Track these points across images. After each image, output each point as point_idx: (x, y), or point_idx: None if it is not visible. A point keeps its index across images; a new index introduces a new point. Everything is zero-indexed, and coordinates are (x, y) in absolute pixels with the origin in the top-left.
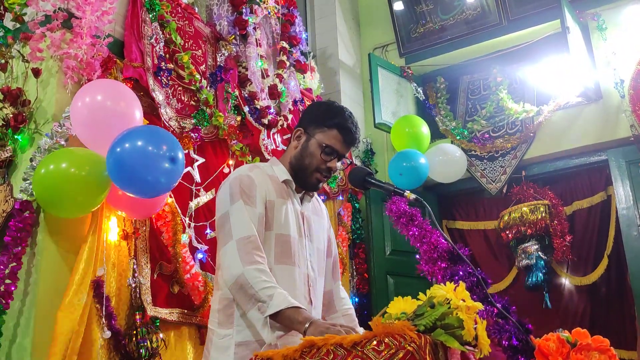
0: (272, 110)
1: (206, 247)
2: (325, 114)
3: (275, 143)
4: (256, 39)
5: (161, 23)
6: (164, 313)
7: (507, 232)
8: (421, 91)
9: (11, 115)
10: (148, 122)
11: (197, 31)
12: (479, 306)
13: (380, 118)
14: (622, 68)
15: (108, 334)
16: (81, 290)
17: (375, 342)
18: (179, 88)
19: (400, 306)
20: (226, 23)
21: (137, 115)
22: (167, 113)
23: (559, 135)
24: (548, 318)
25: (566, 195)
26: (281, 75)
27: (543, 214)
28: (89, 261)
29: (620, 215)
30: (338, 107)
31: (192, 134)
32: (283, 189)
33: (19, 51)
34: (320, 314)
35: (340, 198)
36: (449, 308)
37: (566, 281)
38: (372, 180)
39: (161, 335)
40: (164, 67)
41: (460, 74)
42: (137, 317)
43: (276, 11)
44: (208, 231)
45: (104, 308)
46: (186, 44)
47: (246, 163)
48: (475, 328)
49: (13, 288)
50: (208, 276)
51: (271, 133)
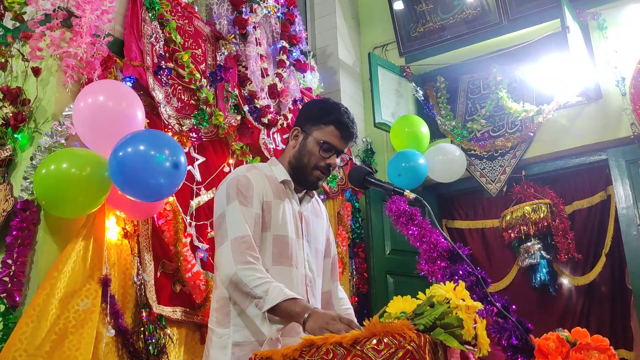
0: (272, 109)
1: (207, 246)
2: (321, 111)
3: (275, 142)
4: (256, 38)
5: (161, 22)
6: (167, 311)
7: (510, 232)
8: (420, 91)
9: (11, 114)
10: (148, 122)
11: (197, 30)
12: (479, 305)
13: (380, 117)
14: (623, 67)
15: (112, 333)
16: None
17: (374, 341)
18: (179, 87)
19: (399, 305)
20: (226, 22)
21: (139, 115)
22: (167, 112)
23: (559, 134)
24: (548, 317)
25: (566, 194)
26: (281, 74)
27: (545, 213)
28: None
29: (620, 214)
30: (333, 104)
31: (192, 134)
32: (281, 190)
33: (19, 50)
34: None
35: (340, 197)
36: (449, 307)
37: (565, 280)
38: (372, 179)
39: (168, 331)
40: (164, 66)
41: (460, 74)
42: (144, 315)
43: (276, 10)
44: (209, 230)
45: (110, 307)
46: (186, 43)
47: (246, 162)
48: (474, 327)
49: (16, 288)
50: (209, 275)
51: (271, 132)
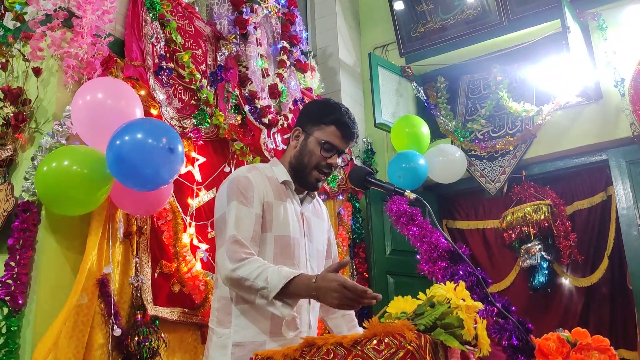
0: (273, 109)
1: (207, 246)
2: (321, 111)
3: (275, 142)
4: (256, 38)
5: (161, 22)
6: (165, 312)
7: (510, 232)
8: (422, 91)
9: (12, 114)
10: None
11: (198, 30)
12: (479, 306)
13: (380, 118)
14: (622, 67)
15: (119, 332)
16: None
17: (375, 342)
18: (180, 87)
19: (400, 306)
20: (226, 22)
21: (138, 113)
22: (168, 112)
23: (559, 135)
24: (548, 318)
25: (566, 195)
26: (281, 74)
27: (546, 214)
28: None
29: (620, 215)
30: (334, 104)
31: (193, 134)
32: (282, 190)
33: (20, 50)
34: (317, 313)
35: (340, 197)
36: (449, 307)
37: (566, 281)
38: (373, 179)
39: (162, 334)
40: (165, 67)
41: (460, 74)
42: (138, 317)
43: (276, 10)
44: (209, 230)
45: (112, 307)
46: (186, 43)
47: (247, 162)
48: (475, 327)
49: (19, 289)
50: (209, 275)
51: (272, 132)
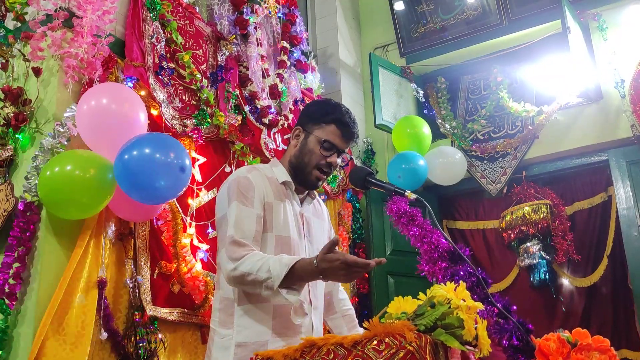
0: (273, 109)
1: (207, 247)
2: (322, 111)
3: (276, 142)
4: (257, 39)
5: (162, 22)
6: (164, 312)
7: (509, 232)
8: (421, 92)
9: (12, 114)
10: (149, 122)
11: (198, 31)
12: (480, 306)
13: (380, 118)
14: (623, 68)
15: (105, 335)
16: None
17: (375, 342)
18: (180, 87)
19: (400, 306)
20: (227, 23)
21: (142, 118)
22: (169, 112)
23: (560, 135)
24: (549, 318)
25: (567, 195)
26: (282, 74)
27: (545, 214)
28: (90, 262)
29: (620, 215)
30: (334, 103)
31: (193, 134)
32: (282, 191)
33: (20, 50)
34: (321, 315)
35: (340, 198)
36: (450, 308)
37: (567, 281)
38: (373, 180)
39: (160, 335)
40: (165, 67)
41: (460, 74)
42: (137, 317)
43: (277, 11)
44: (209, 230)
45: (102, 309)
46: (187, 44)
47: (247, 162)
48: (475, 328)
49: (18, 289)
50: (209, 275)
51: (272, 132)
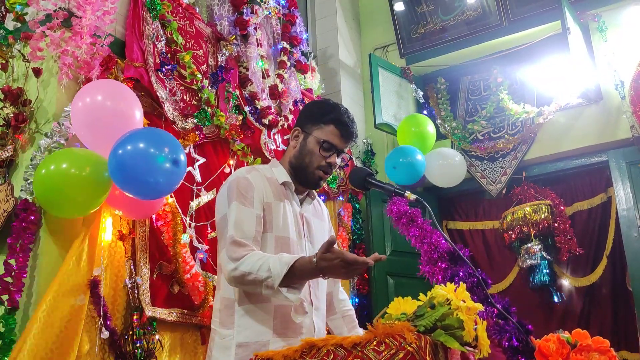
0: (273, 110)
1: (207, 247)
2: (320, 111)
3: (276, 143)
4: (257, 39)
5: (162, 23)
6: (163, 313)
7: (510, 233)
8: (421, 92)
9: (12, 114)
10: (149, 122)
11: (198, 31)
12: (479, 307)
13: (380, 119)
14: (623, 69)
15: (106, 334)
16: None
17: (375, 343)
18: (181, 87)
19: (400, 307)
20: (227, 23)
21: (138, 115)
22: (170, 111)
23: (560, 136)
24: (548, 319)
25: (566, 196)
26: (282, 75)
27: (546, 214)
28: (87, 261)
29: (620, 216)
30: (333, 103)
31: (195, 133)
32: (281, 191)
33: (20, 51)
34: (323, 316)
35: (340, 198)
36: (449, 309)
37: (566, 282)
38: (373, 180)
39: (157, 336)
40: (167, 65)
41: (460, 75)
42: (135, 318)
43: (277, 11)
44: (209, 231)
45: (101, 308)
46: (187, 44)
47: (247, 163)
48: (475, 329)
49: (21, 289)
50: (208, 276)
51: (272, 133)
